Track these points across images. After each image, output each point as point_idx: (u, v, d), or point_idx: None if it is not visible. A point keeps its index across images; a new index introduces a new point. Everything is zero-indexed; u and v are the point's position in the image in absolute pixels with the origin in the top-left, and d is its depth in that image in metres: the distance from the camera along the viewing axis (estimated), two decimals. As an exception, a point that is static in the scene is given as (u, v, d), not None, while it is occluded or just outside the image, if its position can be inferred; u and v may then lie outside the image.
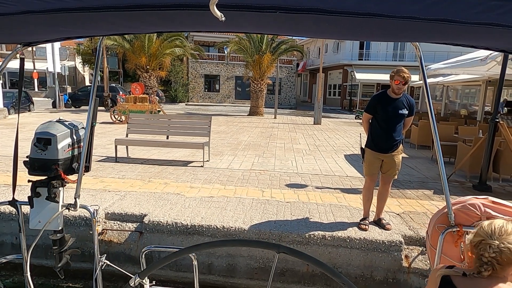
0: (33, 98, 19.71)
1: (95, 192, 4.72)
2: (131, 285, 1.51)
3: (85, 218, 3.96)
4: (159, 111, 14.42)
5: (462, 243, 1.87)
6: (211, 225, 3.81)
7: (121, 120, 13.52)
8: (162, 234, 3.86)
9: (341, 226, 3.87)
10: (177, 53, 19.80)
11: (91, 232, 3.98)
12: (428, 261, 3.33)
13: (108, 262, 2.04)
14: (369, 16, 1.00)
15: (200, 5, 0.93)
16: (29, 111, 17.83)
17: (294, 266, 3.70)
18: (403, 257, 3.62)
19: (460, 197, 2.05)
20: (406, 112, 3.58)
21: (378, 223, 3.91)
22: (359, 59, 29.51)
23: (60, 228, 2.13)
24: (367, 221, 3.87)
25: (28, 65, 26.07)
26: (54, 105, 20.18)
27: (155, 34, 17.94)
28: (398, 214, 4.33)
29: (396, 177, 3.81)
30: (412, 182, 5.98)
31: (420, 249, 3.70)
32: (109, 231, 4.00)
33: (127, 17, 1.16)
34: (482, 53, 6.74)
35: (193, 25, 1.37)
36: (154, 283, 1.83)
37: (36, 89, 30.63)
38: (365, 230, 3.76)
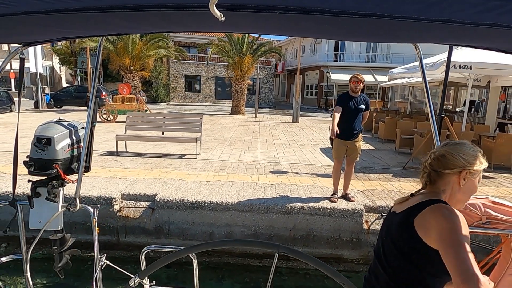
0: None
1: (107, 179, 5.48)
2: (131, 285, 1.52)
3: (105, 198, 4.74)
4: (146, 110, 15.04)
5: None
6: (212, 201, 4.69)
7: (109, 119, 14.07)
8: (171, 210, 4.71)
9: (316, 200, 4.86)
10: (161, 54, 20.35)
11: (110, 210, 4.77)
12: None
13: (108, 262, 2.06)
14: (369, 17, 1.00)
15: (199, 5, 0.94)
16: (11, 111, 17.88)
17: (279, 232, 4.64)
18: (363, 221, 4.64)
19: None
20: (364, 107, 4.65)
21: (345, 197, 4.92)
22: (334, 61, 30.84)
23: (60, 228, 2.13)
24: (336, 196, 4.88)
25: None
26: (36, 105, 20.24)
27: (138, 35, 18.42)
28: (361, 191, 5.36)
29: (358, 159, 4.85)
30: (376, 168, 7.07)
31: (377, 215, 4.73)
32: (126, 208, 4.80)
33: (127, 18, 1.18)
34: (436, 58, 7.95)
35: (193, 25, 1.37)
36: (154, 283, 1.85)
37: (13, 89, 30.19)
38: (335, 202, 4.75)
